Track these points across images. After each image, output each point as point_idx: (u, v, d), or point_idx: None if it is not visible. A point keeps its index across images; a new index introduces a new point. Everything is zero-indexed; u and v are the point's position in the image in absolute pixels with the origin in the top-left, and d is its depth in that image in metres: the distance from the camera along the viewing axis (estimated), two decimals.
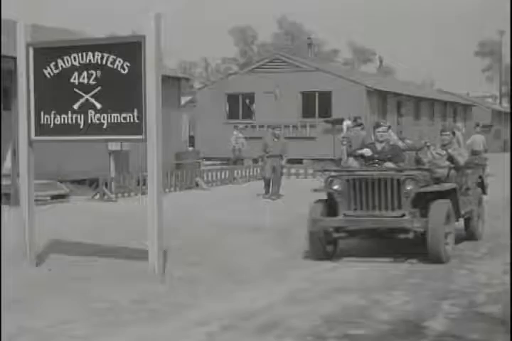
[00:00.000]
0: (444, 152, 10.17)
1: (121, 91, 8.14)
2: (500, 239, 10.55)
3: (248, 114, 33.35)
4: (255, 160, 25.21)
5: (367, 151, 9.90)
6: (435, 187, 9.18)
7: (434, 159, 10.21)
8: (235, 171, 21.97)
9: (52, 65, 8.43)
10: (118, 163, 17.38)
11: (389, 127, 19.91)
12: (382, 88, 33.28)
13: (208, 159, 29.19)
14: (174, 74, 24.03)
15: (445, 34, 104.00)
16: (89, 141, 8.88)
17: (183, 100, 32.88)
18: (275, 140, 16.53)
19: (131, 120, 8.09)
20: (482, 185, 11.09)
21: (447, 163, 10.01)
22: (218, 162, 29.77)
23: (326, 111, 31.17)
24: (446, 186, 9.33)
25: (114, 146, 16.91)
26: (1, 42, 15.15)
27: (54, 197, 15.56)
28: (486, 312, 6.54)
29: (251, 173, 22.32)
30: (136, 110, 8.06)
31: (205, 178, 20.10)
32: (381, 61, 56.41)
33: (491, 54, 75.64)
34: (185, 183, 19.21)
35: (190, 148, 30.48)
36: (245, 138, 27.66)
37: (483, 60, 79.47)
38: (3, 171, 16.51)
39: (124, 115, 8.13)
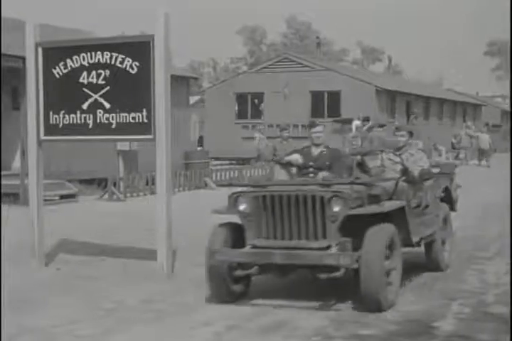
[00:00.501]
0: (398, 158, 8.09)
1: (130, 90, 8.13)
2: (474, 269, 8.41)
3: (257, 113, 33.33)
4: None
5: (296, 158, 7.93)
6: (372, 208, 6.73)
7: (384, 167, 8.14)
8: (244, 171, 21.95)
9: (61, 64, 8.44)
10: (127, 162, 17.39)
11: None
12: (391, 88, 33.21)
13: (216, 159, 29.19)
14: (183, 74, 24.04)
15: (454, 33, 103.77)
16: (98, 140, 8.88)
17: (192, 100, 32.90)
18: (284, 142, 16.41)
19: (140, 120, 8.09)
20: (450, 200, 8.73)
21: (395, 174, 7.76)
22: (227, 162, 29.75)
23: (335, 111, 31.13)
24: (390, 205, 6.89)
25: (122, 146, 16.93)
26: (11, 42, 15.17)
27: (63, 197, 15.58)
28: None
29: (260, 173, 22.29)
30: (145, 110, 8.05)
31: (213, 178, 20.09)
32: (390, 60, 56.31)
33: (500, 53, 75.42)
34: (193, 183, 19.20)
35: (199, 148, 30.49)
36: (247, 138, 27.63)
37: (492, 59, 79.28)
38: (13, 171, 16.54)
39: (132, 115, 8.12)
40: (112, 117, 8.22)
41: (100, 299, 7.02)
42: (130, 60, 8.09)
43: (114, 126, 8.23)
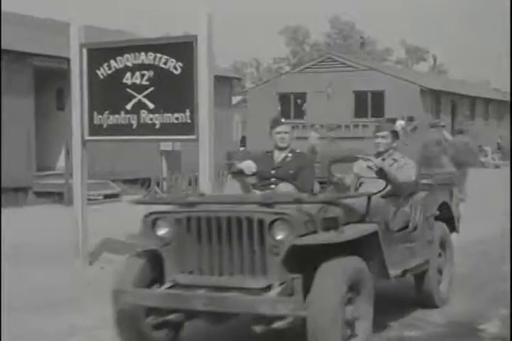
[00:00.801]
0: (372, 163, 6.33)
1: (174, 91, 8.15)
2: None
3: (299, 113, 33.27)
4: None
5: (249, 166, 6.42)
6: (325, 237, 4.98)
7: (358, 177, 6.58)
8: None
9: (105, 65, 8.50)
10: (170, 162, 17.49)
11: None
12: (435, 87, 32.89)
13: None
14: (226, 74, 24.09)
15: (499, 32, 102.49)
16: (142, 140, 8.92)
17: (235, 100, 32.96)
18: (331, 143, 16.28)
19: (184, 120, 8.11)
20: (449, 219, 7.07)
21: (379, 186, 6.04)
22: None
23: (378, 111, 30.95)
24: (354, 232, 5.16)
25: (165, 146, 17.04)
26: (54, 43, 15.35)
27: (107, 197, 15.74)
28: None
29: None
30: (188, 110, 8.07)
31: None
32: (435, 60, 55.80)
33: None
34: None
35: (242, 148, 30.52)
36: (296, 138, 27.58)
37: None
38: (57, 170, 16.76)
39: (176, 115, 8.15)
40: (156, 117, 8.26)
41: None
42: (174, 61, 8.11)
43: (157, 126, 8.27)
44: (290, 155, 6.56)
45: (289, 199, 5.18)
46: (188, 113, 8.07)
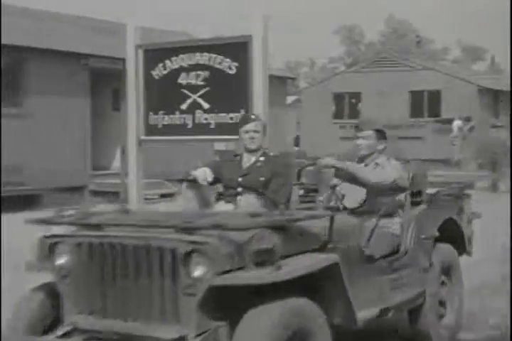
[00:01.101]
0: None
1: (229, 91, 8.14)
2: None
3: (354, 113, 33.04)
4: None
5: (203, 173, 5.43)
6: (256, 275, 3.80)
7: (333, 186, 5.50)
8: None
9: (160, 66, 8.53)
10: None
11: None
12: (494, 87, 32.34)
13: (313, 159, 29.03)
14: (280, 74, 24.08)
15: None
16: (197, 140, 8.93)
17: (289, 100, 32.92)
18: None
19: (238, 120, 8.09)
20: (459, 239, 5.88)
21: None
22: None
23: (435, 111, 30.57)
24: (298, 267, 3.93)
25: (219, 146, 17.11)
26: (110, 44, 15.50)
27: (162, 196, 15.88)
28: None
29: None
30: (243, 110, 8.05)
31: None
32: (493, 59, 54.94)
33: None
34: None
35: (296, 148, 30.45)
36: (351, 138, 27.41)
37: None
38: (112, 170, 16.94)
39: (231, 115, 8.14)
40: (211, 117, 8.26)
41: None
42: (229, 61, 8.10)
43: (212, 126, 8.27)
44: (262, 159, 5.51)
45: (212, 223, 3.90)
46: (242, 113, 8.05)
